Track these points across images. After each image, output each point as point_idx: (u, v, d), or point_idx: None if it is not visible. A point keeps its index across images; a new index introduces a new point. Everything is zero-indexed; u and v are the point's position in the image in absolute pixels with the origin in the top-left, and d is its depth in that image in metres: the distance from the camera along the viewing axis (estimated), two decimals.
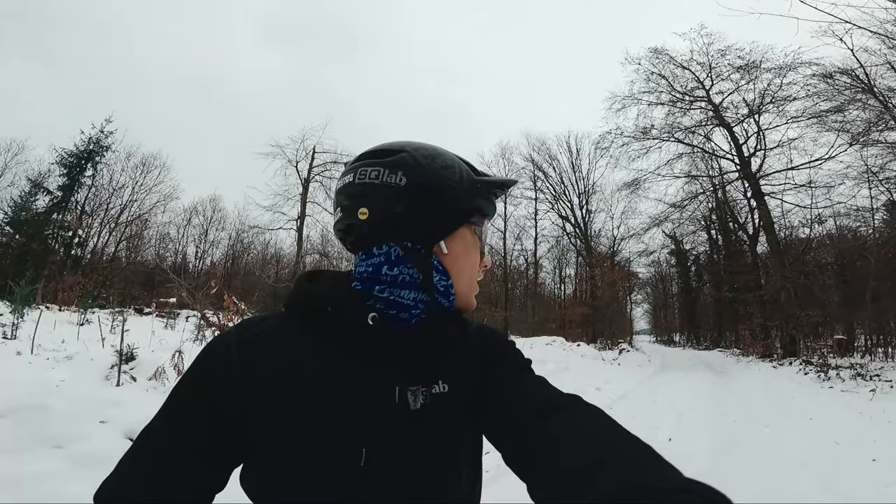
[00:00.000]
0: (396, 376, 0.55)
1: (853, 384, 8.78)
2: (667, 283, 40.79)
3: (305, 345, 0.56)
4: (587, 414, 0.49)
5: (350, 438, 0.53)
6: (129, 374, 4.55)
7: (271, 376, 0.54)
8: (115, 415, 2.97)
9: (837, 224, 18.53)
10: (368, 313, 0.56)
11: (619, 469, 0.38)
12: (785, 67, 16.85)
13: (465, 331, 0.64)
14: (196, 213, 30.98)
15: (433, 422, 0.56)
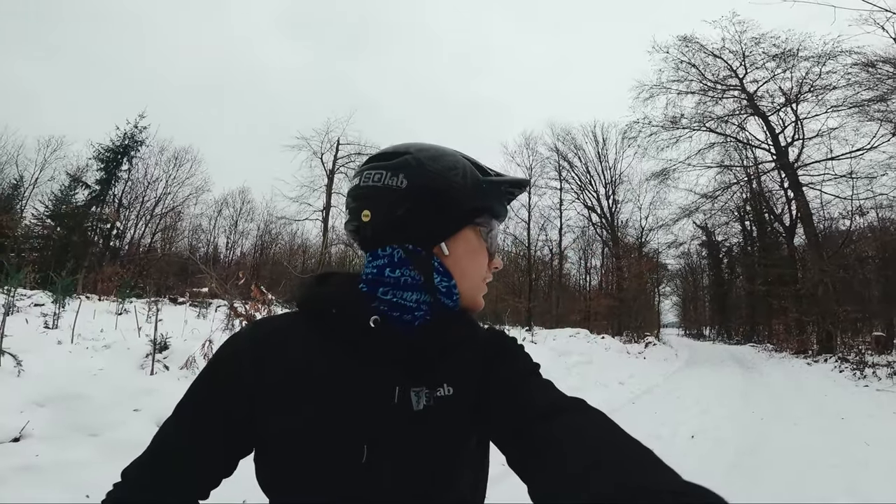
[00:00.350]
0: (397, 377, 0.57)
1: (889, 383, 8.48)
2: (697, 275, 39.75)
3: (312, 344, 0.58)
4: (589, 417, 0.49)
5: (351, 436, 0.54)
6: (163, 363, 4.77)
7: (278, 374, 0.56)
8: (148, 403, 3.13)
9: (880, 216, 17.69)
10: (371, 315, 0.58)
11: (616, 470, 0.39)
12: (824, 56, 16.10)
13: (471, 332, 0.65)
14: (226, 205, 31.83)
15: (436, 423, 0.57)
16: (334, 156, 26.35)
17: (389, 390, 0.56)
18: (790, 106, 17.67)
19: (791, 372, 11.76)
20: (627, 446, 0.42)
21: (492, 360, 0.62)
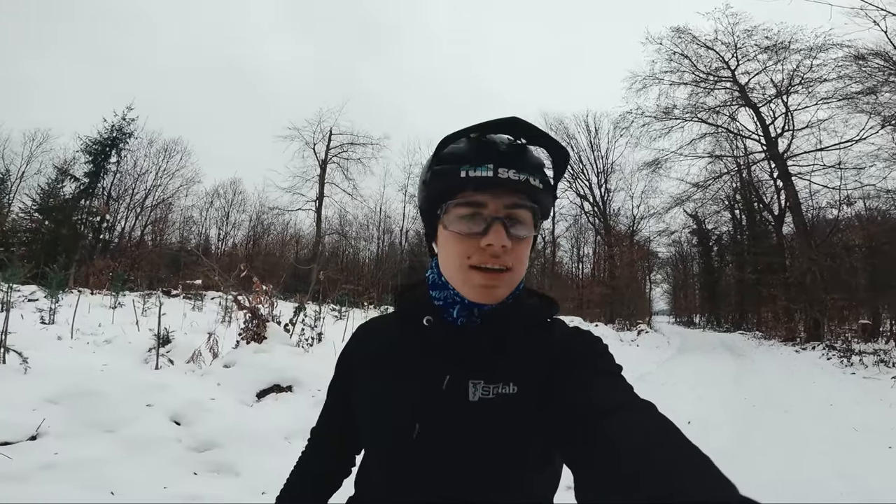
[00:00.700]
0: (447, 367, 0.62)
1: (876, 370, 8.68)
2: (688, 263, 40.21)
3: (392, 337, 0.71)
4: (648, 419, 0.47)
5: (405, 412, 0.62)
6: (167, 357, 4.79)
7: (366, 357, 0.72)
8: (160, 399, 3.15)
9: (867, 206, 18.00)
10: (424, 315, 0.66)
11: (661, 480, 0.37)
12: (815, 48, 16.26)
13: (526, 329, 0.65)
14: (217, 196, 31.59)
15: (492, 417, 0.59)
16: (327, 146, 26.22)
17: (439, 378, 0.62)
18: (781, 97, 17.83)
19: (780, 359, 12.01)
20: (682, 453, 0.40)
21: (565, 360, 0.60)
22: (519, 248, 0.61)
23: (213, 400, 3.43)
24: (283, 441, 3.08)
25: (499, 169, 0.58)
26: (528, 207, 0.61)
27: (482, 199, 0.59)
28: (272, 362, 4.40)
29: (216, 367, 4.49)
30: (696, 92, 19.93)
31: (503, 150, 0.60)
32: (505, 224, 0.59)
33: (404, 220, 31.94)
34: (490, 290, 0.61)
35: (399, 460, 0.62)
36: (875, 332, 13.84)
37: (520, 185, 0.59)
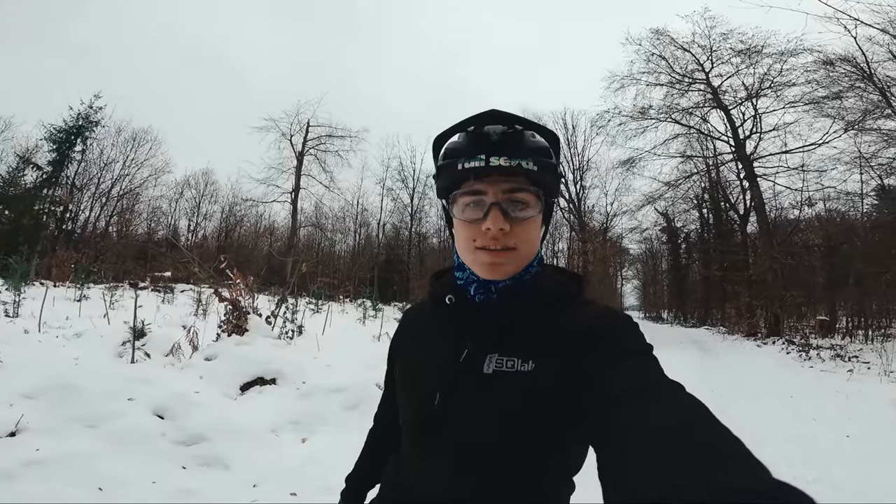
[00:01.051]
0: (466, 342, 0.67)
1: (832, 364, 9.09)
2: (657, 259, 41.28)
3: (424, 317, 0.80)
4: (673, 401, 0.47)
5: (429, 383, 0.68)
6: (143, 351, 4.68)
7: (404, 335, 0.83)
8: (142, 392, 3.10)
9: (827, 207, 18.84)
10: (447, 295, 0.71)
11: (690, 465, 0.35)
12: (786, 53, 16.81)
13: (552, 308, 0.67)
14: (188, 187, 30.66)
15: (503, 390, 0.62)
16: (304, 138, 25.84)
17: (459, 352, 0.67)
18: (751, 100, 18.44)
19: (743, 353, 12.51)
20: (710, 436, 0.39)
21: (591, 341, 0.60)
22: (521, 229, 0.65)
23: (197, 393, 3.39)
24: (271, 434, 3.08)
25: (490, 158, 0.63)
26: (528, 190, 0.64)
27: (480, 188, 0.64)
28: (255, 355, 4.37)
29: (197, 360, 4.42)
30: (672, 93, 20.41)
31: (495, 139, 0.64)
32: (503, 208, 0.63)
33: (381, 214, 31.76)
34: (497, 267, 0.65)
35: (422, 428, 0.69)
36: (832, 328, 14.57)
37: (512, 169, 0.63)
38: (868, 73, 13.11)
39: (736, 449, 0.37)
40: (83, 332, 5.79)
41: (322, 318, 9.18)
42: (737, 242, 21.89)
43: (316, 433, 3.23)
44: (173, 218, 30.26)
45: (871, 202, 16.37)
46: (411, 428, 0.71)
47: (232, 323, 5.38)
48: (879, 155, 14.24)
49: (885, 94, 12.80)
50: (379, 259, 29.89)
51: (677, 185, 21.92)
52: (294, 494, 2.35)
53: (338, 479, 0.86)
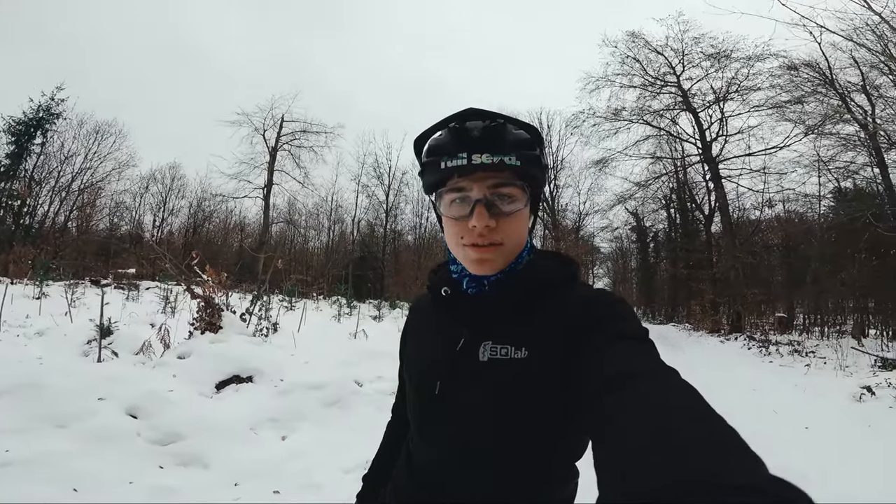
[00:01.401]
0: (462, 331, 0.69)
1: (790, 359, 9.49)
2: (627, 258, 42.26)
3: (426, 310, 0.82)
4: (666, 388, 0.46)
5: (429, 371, 0.71)
6: (110, 349, 4.52)
7: (411, 327, 0.86)
8: (113, 391, 3.01)
9: (786, 208, 19.71)
10: (442, 287, 0.74)
11: (682, 456, 0.34)
12: (754, 58, 17.43)
13: (544, 294, 0.67)
14: (154, 181, 29.57)
15: (498, 378, 0.63)
16: (278, 133, 25.38)
17: (456, 341, 0.69)
18: (718, 104, 19.11)
19: (708, 349, 12.99)
20: (703, 426, 0.38)
21: (583, 325, 0.60)
22: (507, 223, 0.65)
23: (171, 392, 3.31)
24: (250, 431, 3.04)
25: (472, 156, 0.63)
26: (513, 184, 0.64)
27: (465, 185, 0.64)
28: (230, 352, 4.29)
29: (169, 359, 4.31)
30: (644, 95, 20.94)
31: (476, 136, 0.64)
32: (488, 204, 0.63)
33: (356, 210, 31.43)
34: (485, 263, 0.66)
35: (425, 415, 0.72)
36: (789, 325, 15.27)
37: (495, 166, 0.62)
38: (830, 78, 13.73)
39: (732, 441, 0.35)
40: (45, 331, 5.55)
41: (296, 316, 9.05)
42: (702, 242, 22.59)
43: (296, 430, 3.21)
44: (137, 213, 29.18)
45: (828, 204, 17.23)
46: (415, 416, 0.74)
47: (205, 320, 5.26)
48: (837, 159, 14.94)
49: (844, 99, 13.43)
50: (353, 256, 29.61)
51: (647, 185, 22.57)
52: (277, 492, 2.33)
53: (321, 476, 0.88)
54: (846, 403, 5.44)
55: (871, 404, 5.25)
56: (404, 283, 23.05)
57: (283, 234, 31.18)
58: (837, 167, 15.23)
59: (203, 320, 5.10)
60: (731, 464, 0.33)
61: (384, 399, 4.32)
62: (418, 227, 31.58)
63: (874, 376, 6.43)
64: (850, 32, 8.91)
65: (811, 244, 15.32)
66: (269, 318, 6.85)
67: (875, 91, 12.84)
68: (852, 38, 8.32)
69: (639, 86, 20.87)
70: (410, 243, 31.87)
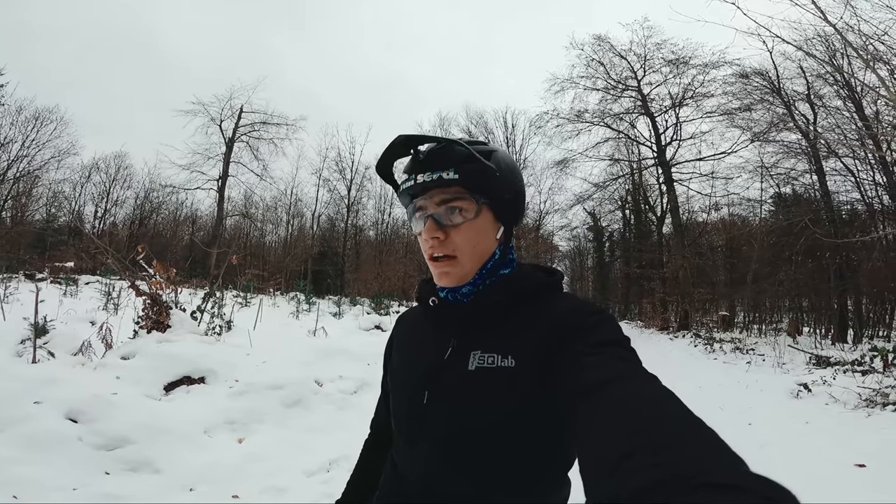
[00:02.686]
0: (450, 341, 0.70)
1: (733, 356, 10.02)
2: (584, 257, 43.51)
3: (415, 320, 0.83)
4: (646, 392, 0.47)
5: (417, 380, 0.71)
6: (46, 350, 4.21)
7: (398, 336, 0.86)
8: (50, 395, 2.80)
9: (730, 212, 20.89)
10: (431, 298, 0.75)
11: (661, 457, 0.35)
12: (710, 65, 18.25)
13: (528, 304, 0.69)
14: (97, 170, 27.79)
15: (486, 386, 0.63)
16: (236, 123, 24.39)
17: (444, 350, 0.70)
18: (674, 109, 19.96)
19: (658, 346, 13.53)
20: (683, 428, 0.39)
21: (566, 333, 0.61)
22: (457, 235, 0.68)
23: (114, 394, 3.11)
24: (203, 435, 2.91)
25: (416, 176, 0.69)
26: (460, 197, 0.68)
27: (421, 203, 0.71)
28: (180, 352, 4.09)
29: (112, 360, 4.06)
30: (606, 98, 21.56)
31: (420, 158, 0.70)
32: (436, 218, 0.68)
33: (317, 205, 30.72)
34: (445, 276, 0.70)
35: (412, 424, 0.70)
36: (731, 323, 16.19)
37: (434, 183, 0.68)
38: (777, 87, 14.58)
39: (711, 442, 0.36)
40: None
41: (252, 313, 8.76)
42: (654, 242, 23.47)
43: (255, 432, 3.09)
44: (77, 203, 27.35)
45: (768, 209, 18.38)
46: (402, 426, 0.73)
47: (152, 318, 5.00)
48: (779, 165, 15.95)
49: (789, 107, 14.29)
50: (313, 251, 28.95)
51: (605, 186, 23.35)
52: (236, 497, 2.24)
53: (283, 479, 0.85)
54: (785, 400, 5.75)
55: (808, 401, 5.57)
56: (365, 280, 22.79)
57: (239, 227, 30.12)
58: (779, 173, 16.27)
59: (149, 318, 4.84)
60: (713, 463, 0.34)
61: (346, 399, 4.24)
62: (380, 223, 31.29)
63: (809, 373, 6.85)
64: (802, 43, 9.46)
65: (752, 246, 16.27)
66: (223, 315, 6.59)
67: (819, 100, 13.71)
68: (802, 48, 8.84)
69: (602, 89, 21.48)
70: (372, 239, 31.51)
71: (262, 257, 28.57)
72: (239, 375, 3.99)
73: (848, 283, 12.85)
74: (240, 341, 5.43)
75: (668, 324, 18.52)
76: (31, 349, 4.06)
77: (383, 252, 28.45)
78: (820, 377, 6.24)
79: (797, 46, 8.32)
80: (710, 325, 16.08)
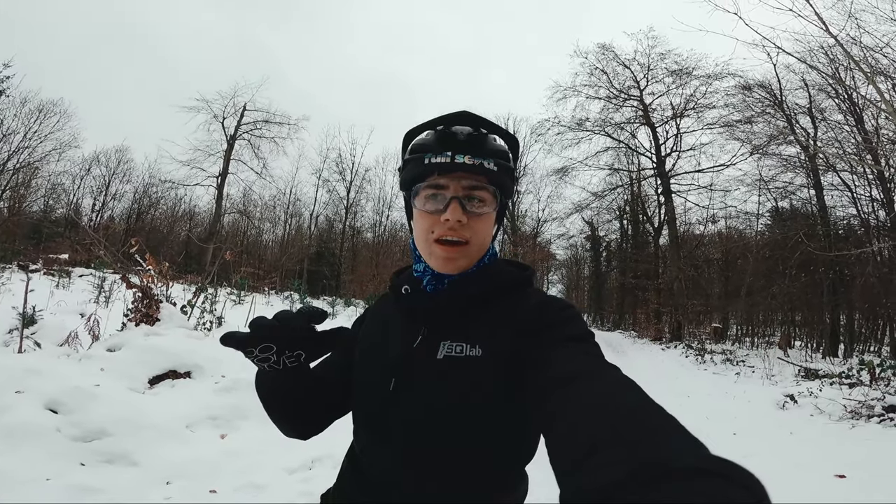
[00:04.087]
0: (420, 329, 0.70)
1: (723, 367, 10.10)
2: (580, 266, 43.51)
3: (388, 307, 0.80)
4: (608, 383, 0.48)
5: (384, 368, 0.70)
6: (32, 340, 4.19)
7: (367, 323, 0.82)
8: (32, 385, 2.78)
9: (727, 225, 20.95)
10: (403, 286, 0.75)
11: (625, 444, 0.36)
12: (712, 76, 18.28)
13: (500, 297, 0.70)
14: (98, 164, 27.75)
15: (456, 376, 0.64)
16: (238, 121, 24.48)
17: (413, 339, 0.70)
18: (675, 120, 20.03)
19: (650, 356, 13.58)
20: (645, 416, 0.40)
21: (534, 327, 0.63)
22: (476, 224, 0.69)
23: (97, 386, 3.10)
24: (185, 429, 2.89)
25: (455, 155, 0.68)
26: (486, 188, 0.69)
27: (443, 182, 0.69)
28: (167, 346, 4.07)
29: (98, 351, 4.04)
30: (608, 107, 21.62)
31: (461, 139, 0.69)
32: (461, 202, 0.68)
33: (315, 205, 30.70)
34: (451, 262, 0.70)
35: (377, 411, 0.70)
36: (724, 335, 16.23)
37: (474, 168, 0.68)
38: (780, 99, 14.61)
39: (672, 427, 0.38)
40: None
41: (245, 310, 8.74)
42: (650, 253, 23.59)
43: (238, 429, 3.08)
44: (76, 196, 27.28)
45: (765, 222, 18.45)
46: (367, 413, 0.72)
47: (141, 311, 4.97)
48: (777, 179, 16.01)
49: (790, 121, 14.33)
50: (310, 251, 28.91)
51: (603, 195, 23.39)
52: (214, 492, 2.23)
53: (263, 476, 0.83)
54: (771, 411, 5.79)
55: (793, 412, 5.61)
56: (361, 281, 22.76)
57: (236, 225, 30.08)
58: (777, 187, 16.32)
59: (139, 311, 4.81)
60: (673, 447, 0.35)
61: None
62: (378, 226, 31.28)
63: (797, 385, 6.91)
64: (805, 55, 9.48)
65: (747, 259, 16.31)
66: (214, 311, 6.57)
67: (819, 114, 13.72)
68: (806, 61, 8.87)
69: (604, 97, 21.55)
70: (370, 241, 31.49)
71: (259, 255, 28.50)
72: (226, 371, 3.97)
73: (840, 297, 12.89)
74: None
75: (661, 334, 18.54)
76: (17, 338, 4.05)
77: (380, 254, 28.42)
78: (807, 389, 6.28)
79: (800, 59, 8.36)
80: (703, 336, 16.10)
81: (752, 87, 15.44)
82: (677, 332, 17.33)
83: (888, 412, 4.91)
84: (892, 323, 11.84)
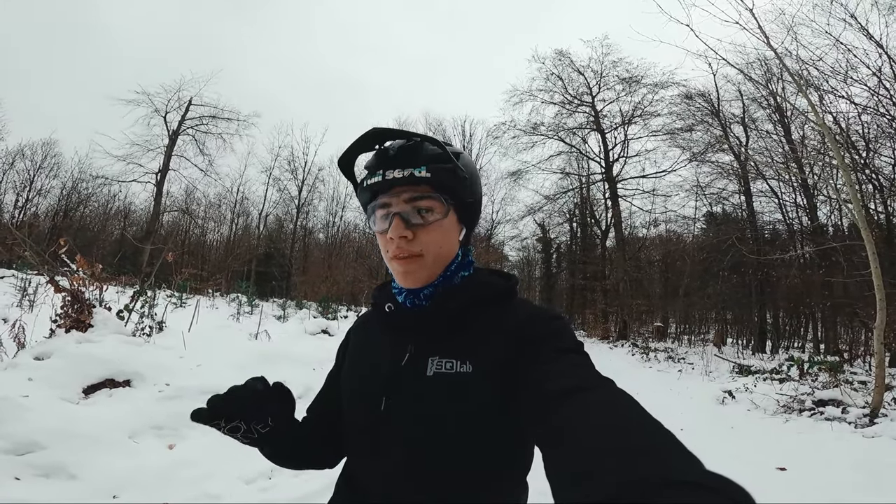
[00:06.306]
0: (408, 346, 0.68)
1: (666, 365, 10.64)
2: (532, 267, 44.52)
3: (371, 326, 0.80)
4: (607, 399, 0.48)
5: (374, 387, 0.69)
6: None
7: (350, 343, 0.82)
8: None
9: (667, 228, 22.20)
10: (387, 303, 0.73)
11: (622, 459, 0.36)
12: (659, 85, 19.39)
13: (486, 309, 0.69)
14: (22, 157, 25.43)
15: (445, 392, 0.63)
16: (182, 116, 23.17)
17: (401, 356, 0.68)
18: (623, 126, 21.00)
19: (599, 355, 14.02)
20: (641, 430, 0.41)
21: (524, 340, 0.63)
22: (426, 235, 0.67)
23: (26, 397, 2.84)
24: (128, 440, 2.70)
25: (385, 172, 0.66)
26: (429, 196, 0.67)
27: (387, 201, 0.68)
28: (102, 354, 3.79)
29: (24, 360, 3.70)
30: (562, 112, 22.42)
31: (391, 154, 0.68)
32: (404, 217, 0.66)
33: (265, 204, 29.62)
34: (409, 275, 0.68)
35: (369, 431, 0.68)
36: (665, 333, 17.15)
37: (405, 179, 0.65)
38: (717, 109, 15.62)
39: (668, 442, 0.38)
40: None
41: (188, 314, 8.29)
42: (597, 255, 24.54)
43: (186, 438, 2.91)
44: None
45: (701, 226, 19.70)
46: (358, 433, 0.70)
47: (71, 317, 4.59)
48: (712, 185, 17.12)
49: (725, 129, 15.36)
50: (258, 252, 27.85)
51: (555, 198, 24.17)
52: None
53: (218, 486, 0.79)
54: (712, 406, 6.12)
55: (732, 407, 5.96)
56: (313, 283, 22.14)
57: (177, 224, 28.52)
58: (712, 193, 17.48)
59: (69, 317, 4.45)
60: (669, 462, 0.35)
61: None
62: (331, 226, 30.64)
63: (733, 381, 7.35)
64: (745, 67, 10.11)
65: (685, 261, 17.31)
66: (154, 315, 6.18)
67: (752, 124, 14.80)
68: (743, 71, 9.49)
69: (558, 103, 22.30)
70: (322, 241, 30.78)
71: (202, 256, 27.16)
72: (170, 379, 3.75)
73: (767, 297, 13.95)
74: (172, 343, 5.12)
75: (609, 333, 19.30)
76: None
77: (333, 255, 27.84)
78: (742, 385, 6.71)
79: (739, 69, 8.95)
80: (647, 335, 16.92)
81: (694, 96, 16.47)
82: (623, 332, 18.10)
83: (818, 406, 5.32)
84: (814, 321, 12.90)
